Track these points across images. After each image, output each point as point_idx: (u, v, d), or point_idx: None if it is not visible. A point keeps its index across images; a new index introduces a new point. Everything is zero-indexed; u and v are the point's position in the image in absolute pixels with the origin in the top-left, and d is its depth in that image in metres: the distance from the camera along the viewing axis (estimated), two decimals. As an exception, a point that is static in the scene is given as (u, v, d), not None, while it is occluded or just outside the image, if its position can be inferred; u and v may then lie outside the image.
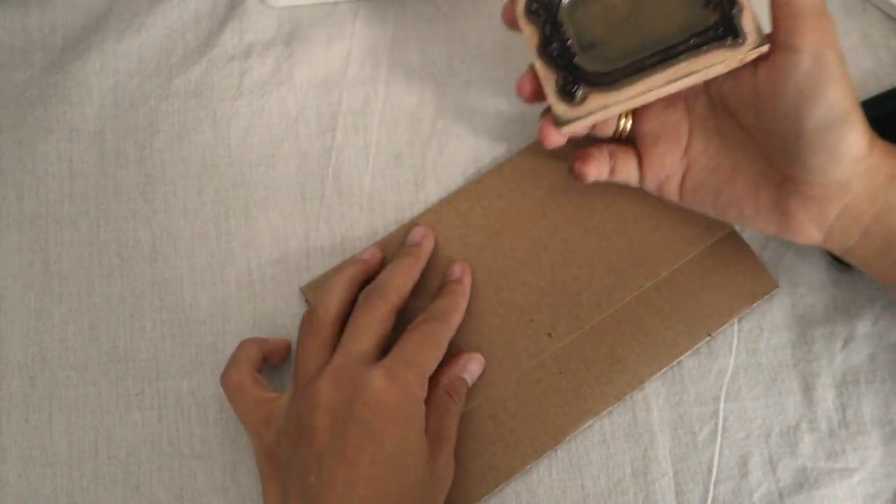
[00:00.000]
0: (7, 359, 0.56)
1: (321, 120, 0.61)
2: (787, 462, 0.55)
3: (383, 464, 0.46)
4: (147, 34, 0.62)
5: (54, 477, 0.54)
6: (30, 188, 0.59)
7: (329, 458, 0.46)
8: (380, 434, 0.47)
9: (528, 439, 0.54)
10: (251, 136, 0.61)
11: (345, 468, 0.46)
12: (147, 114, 0.61)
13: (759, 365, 0.56)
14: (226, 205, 0.59)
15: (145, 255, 0.58)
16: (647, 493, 0.54)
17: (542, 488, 0.55)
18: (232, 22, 0.63)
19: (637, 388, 0.55)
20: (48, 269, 0.58)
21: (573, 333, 0.56)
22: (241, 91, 0.61)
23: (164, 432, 0.55)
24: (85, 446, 0.55)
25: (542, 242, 0.57)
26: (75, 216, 0.59)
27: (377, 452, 0.46)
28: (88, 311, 0.57)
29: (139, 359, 0.56)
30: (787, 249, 0.59)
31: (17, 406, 0.55)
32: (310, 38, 0.63)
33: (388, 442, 0.47)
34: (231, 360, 0.53)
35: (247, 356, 0.53)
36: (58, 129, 0.60)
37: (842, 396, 0.56)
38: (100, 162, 0.60)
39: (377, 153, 0.60)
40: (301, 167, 0.60)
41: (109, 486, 0.54)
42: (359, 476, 0.46)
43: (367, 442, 0.46)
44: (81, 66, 0.61)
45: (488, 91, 0.62)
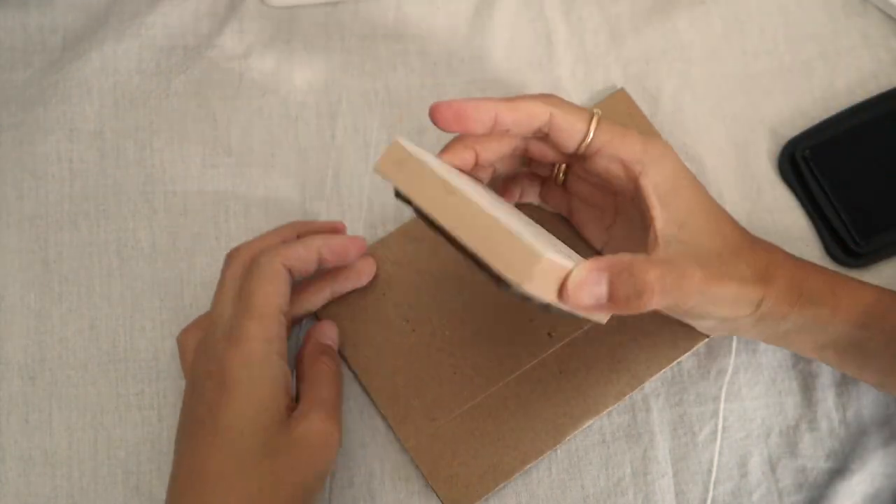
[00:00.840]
0: (7, 359, 0.56)
1: (321, 120, 0.61)
2: (786, 462, 0.55)
3: (220, 436, 0.47)
4: (147, 34, 0.62)
5: (54, 477, 0.54)
6: (30, 188, 0.59)
7: (182, 431, 0.49)
8: (220, 406, 0.47)
9: (528, 439, 0.54)
10: (251, 136, 0.61)
11: (187, 441, 0.48)
12: (147, 114, 0.61)
13: (759, 365, 0.56)
14: (226, 205, 0.59)
15: (145, 255, 0.58)
16: (646, 493, 0.54)
17: (542, 488, 0.55)
18: (232, 22, 0.63)
19: (637, 389, 0.55)
20: (48, 269, 0.58)
21: (573, 333, 0.56)
22: (241, 91, 0.61)
23: (164, 432, 0.55)
24: (85, 446, 0.55)
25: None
26: (75, 216, 0.59)
27: (213, 425, 0.47)
28: (88, 311, 0.57)
29: (139, 359, 0.56)
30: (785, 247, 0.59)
31: (17, 406, 0.55)
32: (310, 38, 0.63)
33: (221, 416, 0.47)
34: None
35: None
36: (58, 128, 0.60)
37: (842, 396, 0.56)
38: (100, 162, 0.60)
39: (377, 153, 0.60)
40: (301, 167, 0.60)
41: (109, 486, 0.54)
42: (200, 449, 0.47)
43: (207, 415, 0.48)
44: (81, 66, 0.61)
45: (488, 91, 0.62)
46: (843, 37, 0.63)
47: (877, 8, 0.64)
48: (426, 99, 0.62)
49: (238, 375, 0.48)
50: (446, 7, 0.64)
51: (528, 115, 0.49)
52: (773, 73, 0.63)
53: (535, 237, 0.45)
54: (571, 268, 0.43)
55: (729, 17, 0.64)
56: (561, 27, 0.63)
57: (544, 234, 0.50)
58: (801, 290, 0.50)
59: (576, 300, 0.43)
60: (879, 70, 0.62)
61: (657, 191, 0.48)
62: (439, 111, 0.48)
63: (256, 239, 0.54)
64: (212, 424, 0.47)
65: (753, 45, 0.63)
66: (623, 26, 0.63)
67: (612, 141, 0.49)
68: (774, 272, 0.49)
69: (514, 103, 0.49)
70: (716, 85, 0.62)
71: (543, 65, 0.63)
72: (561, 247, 0.49)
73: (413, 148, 0.47)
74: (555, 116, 0.49)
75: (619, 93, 0.61)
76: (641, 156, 0.49)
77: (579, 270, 0.43)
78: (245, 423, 0.47)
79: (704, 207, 0.49)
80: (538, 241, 0.44)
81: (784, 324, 0.50)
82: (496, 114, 0.48)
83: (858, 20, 0.63)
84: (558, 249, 0.46)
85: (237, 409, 0.47)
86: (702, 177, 0.60)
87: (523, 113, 0.49)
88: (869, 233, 0.58)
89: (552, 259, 0.42)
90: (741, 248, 0.49)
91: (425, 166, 0.45)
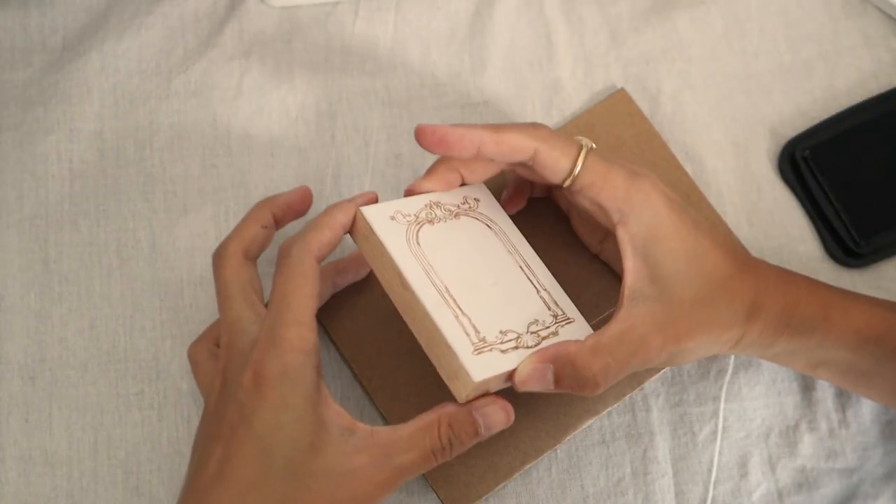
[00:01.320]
0: (7, 359, 0.56)
1: (321, 120, 0.61)
2: (786, 462, 0.55)
3: (251, 444, 0.45)
4: (147, 34, 0.62)
5: (54, 477, 0.54)
6: (30, 188, 0.59)
7: (207, 436, 0.46)
8: (250, 413, 0.45)
9: (528, 439, 0.54)
10: (251, 136, 0.61)
11: (219, 447, 0.45)
12: (147, 114, 0.61)
13: (759, 365, 0.56)
14: (226, 205, 0.59)
15: (145, 255, 0.58)
16: (646, 493, 0.54)
17: (542, 488, 0.55)
18: (232, 22, 0.63)
19: (637, 388, 0.55)
20: (48, 269, 0.58)
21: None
22: (241, 91, 0.61)
23: (164, 432, 0.55)
24: (85, 446, 0.55)
25: (542, 243, 0.57)
26: (75, 216, 0.59)
27: (246, 432, 0.45)
28: (88, 311, 0.57)
29: (139, 359, 0.56)
30: (785, 247, 0.59)
31: (17, 406, 0.55)
32: (310, 38, 0.63)
33: (257, 422, 0.45)
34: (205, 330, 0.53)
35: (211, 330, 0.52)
36: (58, 129, 0.60)
37: (841, 396, 0.56)
38: (100, 162, 0.60)
39: (377, 153, 0.60)
40: (301, 167, 0.60)
41: (109, 486, 0.54)
42: (229, 455, 0.45)
43: (239, 422, 0.45)
44: (81, 66, 0.61)
45: (488, 91, 0.62)
46: (843, 37, 0.63)
47: (877, 8, 0.64)
48: (426, 99, 0.62)
49: (270, 385, 0.45)
50: (446, 7, 0.64)
51: (511, 148, 0.49)
52: (773, 73, 0.63)
53: (498, 321, 0.48)
54: (491, 389, 0.47)
55: (729, 17, 0.64)
56: (561, 27, 0.63)
57: (523, 294, 0.51)
58: (791, 319, 0.49)
59: (526, 389, 0.47)
60: (879, 70, 0.62)
61: (634, 242, 0.48)
62: (423, 134, 0.49)
63: (236, 230, 0.51)
64: (242, 433, 0.45)
65: (753, 45, 0.63)
66: (623, 26, 0.63)
67: (594, 184, 0.49)
68: (763, 303, 0.49)
69: (500, 135, 0.49)
70: (716, 85, 0.62)
71: (543, 65, 0.63)
72: (552, 293, 0.51)
73: (378, 218, 0.48)
74: (539, 153, 0.49)
75: (619, 93, 0.61)
76: (622, 204, 0.49)
77: (524, 366, 0.46)
78: (276, 439, 0.45)
79: (685, 250, 0.48)
80: (498, 326, 0.47)
81: (772, 349, 0.50)
82: (480, 144, 0.49)
83: (858, 20, 0.63)
84: (533, 310, 0.49)
85: (270, 420, 0.45)
86: (702, 177, 0.60)
87: (507, 146, 0.49)
88: (869, 233, 0.58)
89: (479, 382, 0.45)
90: (726, 284, 0.48)
91: (385, 252, 0.47)
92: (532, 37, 0.63)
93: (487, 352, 0.46)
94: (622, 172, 0.49)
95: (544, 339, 0.48)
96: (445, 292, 0.47)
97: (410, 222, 0.49)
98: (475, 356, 0.46)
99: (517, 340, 0.48)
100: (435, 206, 0.50)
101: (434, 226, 0.50)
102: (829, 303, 0.50)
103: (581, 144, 0.50)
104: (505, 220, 0.53)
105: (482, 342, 0.46)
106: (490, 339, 0.47)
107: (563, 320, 0.50)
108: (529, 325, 0.49)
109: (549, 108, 0.62)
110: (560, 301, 0.51)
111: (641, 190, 0.48)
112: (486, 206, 0.53)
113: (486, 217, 0.52)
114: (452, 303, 0.47)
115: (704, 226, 0.50)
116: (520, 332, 0.48)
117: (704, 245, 0.49)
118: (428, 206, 0.50)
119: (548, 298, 0.51)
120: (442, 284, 0.47)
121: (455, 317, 0.47)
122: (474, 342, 0.46)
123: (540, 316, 0.49)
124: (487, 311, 0.48)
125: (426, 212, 0.50)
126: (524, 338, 0.48)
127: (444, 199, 0.51)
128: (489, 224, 0.52)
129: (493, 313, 0.48)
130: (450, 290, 0.47)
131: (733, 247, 0.50)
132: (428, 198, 0.51)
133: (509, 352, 0.47)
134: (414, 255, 0.48)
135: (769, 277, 0.50)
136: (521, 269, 0.51)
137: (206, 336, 0.52)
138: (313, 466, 0.45)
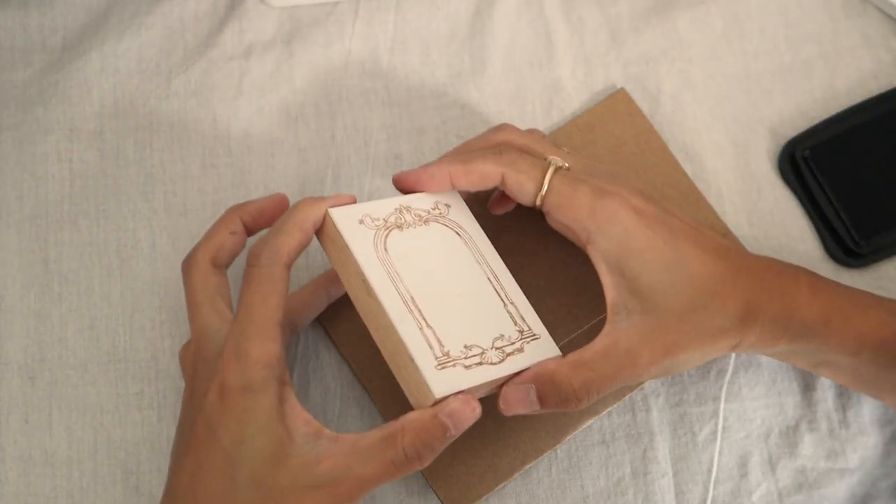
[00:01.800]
0: (7, 359, 0.56)
1: (321, 120, 0.61)
2: (786, 462, 0.55)
3: (219, 457, 0.45)
4: (147, 34, 0.62)
5: (54, 477, 0.54)
6: (30, 188, 0.59)
7: (179, 447, 0.47)
8: (216, 426, 0.45)
9: (528, 439, 0.54)
10: (251, 136, 0.61)
11: (190, 459, 0.46)
12: (147, 114, 0.61)
13: (759, 365, 0.56)
14: (226, 205, 0.59)
15: (145, 255, 0.58)
16: (646, 493, 0.54)
17: (542, 488, 0.55)
18: (232, 22, 0.63)
19: (637, 388, 0.55)
20: (48, 269, 0.58)
21: (573, 333, 0.55)
22: (241, 91, 0.61)
23: (164, 432, 0.55)
24: (85, 446, 0.55)
25: (542, 243, 0.57)
26: (75, 216, 0.59)
27: (214, 445, 0.45)
28: (88, 311, 0.57)
29: (139, 359, 0.56)
30: (785, 247, 0.59)
31: (17, 406, 0.55)
32: (310, 38, 0.63)
33: (223, 435, 0.45)
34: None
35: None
36: (58, 129, 0.60)
37: (842, 396, 0.56)
38: (100, 162, 0.60)
39: (377, 153, 0.60)
40: (301, 167, 0.60)
41: (109, 486, 0.54)
42: (199, 467, 0.45)
43: (207, 435, 0.45)
44: (81, 66, 0.61)
45: (488, 92, 0.62)
46: (843, 37, 0.63)
47: (877, 8, 0.64)
48: (426, 99, 0.62)
49: (233, 400, 0.45)
50: (446, 7, 0.64)
51: (481, 177, 0.50)
52: (773, 73, 0.63)
53: (465, 331, 0.48)
54: (453, 403, 0.46)
55: (729, 17, 0.64)
56: (561, 27, 0.63)
57: (490, 306, 0.50)
58: (789, 322, 0.49)
59: (513, 413, 0.48)
60: (879, 70, 0.62)
61: (607, 258, 0.48)
62: (399, 182, 0.51)
63: (204, 238, 0.51)
64: (208, 445, 0.45)
65: (753, 45, 0.63)
66: (623, 26, 0.63)
67: (560, 206, 0.49)
68: (759, 306, 0.48)
69: (468, 166, 0.50)
70: (716, 85, 0.62)
71: (543, 65, 0.63)
72: (520, 308, 0.51)
73: (346, 221, 0.48)
74: (506, 177, 0.50)
75: (619, 93, 0.61)
76: (587, 223, 0.49)
77: (506, 391, 0.48)
78: (241, 452, 0.45)
79: (662, 260, 0.48)
80: (460, 339, 0.47)
81: (771, 350, 0.50)
82: (451, 178, 0.50)
83: (858, 20, 0.63)
84: (502, 322, 0.49)
85: (235, 433, 0.45)
86: (702, 176, 0.60)
87: (476, 176, 0.50)
88: (869, 233, 0.58)
89: (440, 399, 0.45)
90: (715, 289, 0.48)
91: (351, 257, 0.47)
92: (532, 37, 0.63)
93: (451, 367, 0.46)
94: (588, 193, 0.49)
95: (509, 355, 0.48)
96: (411, 302, 0.47)
97: (379, 227, 0.49)
98: (438, 371, 0.45)
99: (482, 356, 0.47)
100: (405, 211, 0.50)
101: (403, 231, 0.49)
102: (831, 306, 0.49)
103: (548, 165, 0.50)
104: (475, 228, 0.53)
105: (446, 356, 0.46)
106: (454, 353, 0.46)
107: (528, 336, 0.50)
108: (495, 339, 0.48)
109: (549, 108, 0.62)
110: (526, 316, 0.50)
111: (607, 208, 0.48)
112: (457, 213, 0.52)
113: (455, 224, 0.52)
114: (417, 313, 0.47)
115: (688, 232, 0.49)
116: (484, 347, 0.48)
117: (685, 251, 0.48)
118: (398, 211, 0.50)
119: (514, 312, 0.50)
120: (407, 294, 0.47)
121: (419, 328, 0.46)
122: (438, 356, 0.46)
123: (505, 331, 0.49)
124: (453, 323, 0.47)
125: (396, 216, 0.50)
126: (489, 353, 0.47)
127: (414, 203, 0.51)
128: (459, 232, 0.52)
129: (458, 326, 0.47)
130: (415, 300, 0.47)
131: (724, 249, 0.50)
132: (398, 201, 0.51)
133: (473, 367, 0.46)
134: (380, 261, 0.47)
135: (766, 278, 0.49)
136: (488, 280, 0.51)
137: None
138: (278, 479, 0.44)
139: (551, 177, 0.49)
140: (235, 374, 0.45)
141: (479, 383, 0.46)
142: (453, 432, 0.45)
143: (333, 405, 0.56)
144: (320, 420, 0.48)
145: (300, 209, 0.48)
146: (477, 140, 0.54)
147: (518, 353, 0.48)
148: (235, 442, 0.45)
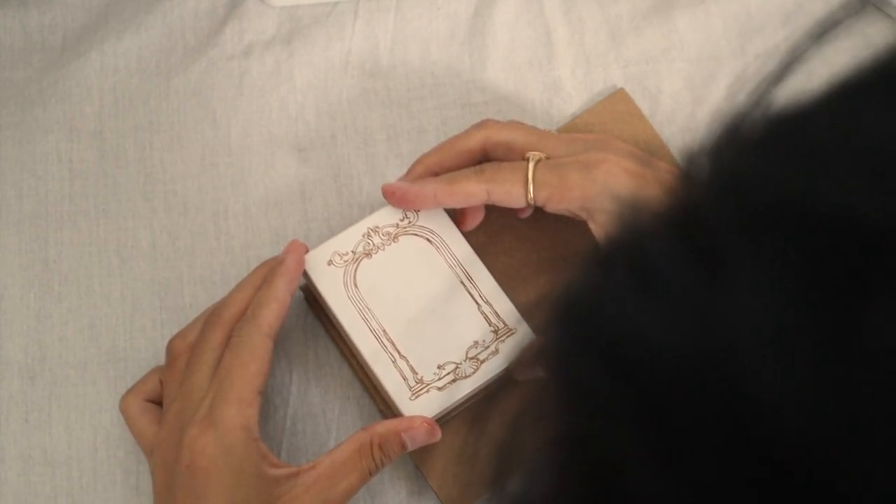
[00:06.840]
0: (7, 359, 0.56)
1: (321, 120, 0.61)
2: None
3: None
4: (147, 34, 0.62)
5: (53, 476, 0.54)
6: (30, 188, 0.59)
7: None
8: (202, 495, 0.46)
9: (527, 439, 0.54)
10: (251, 136, 0.61)
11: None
12: (147, 113, 0.61)
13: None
14: (226, 204, 0.59)
15: (145, 255, 0.58)
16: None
17: (542, 488, 0.55)
18: (232, 22, 0.63)
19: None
20: (48, 269, 0.58)
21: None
22: (241, 91, 0.61)
23: (164, 432, 0.55)
24: (84, 446, 0.55)
25: (542, 242, 0.57)
26: (75, 216, 0.59)
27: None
28: (88, 311, 0.57)
29: (139, 359, 0.56)
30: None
31: (17, 405, 0.55)
32: (310, 38, 0.63)
33: (214, 500, 0.46)
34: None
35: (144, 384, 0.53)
36: (57, 128, 0.60)
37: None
38: (100, 162, 0.60)
39: (377, 153, 0.60)
40: (301, 167, 0.60)
41: (109, 486, 0.54)
42: None
43: (192, 502, 0.46)
44: (81, 65, 0.61)
45: (489, 91, 0.62)
46: (843, 37, 0.63)
47: (877, 8, 0.64)
48: (426, 99, 0.62)
49: (216, 466, 0.46)
50: (446, 7, 0.64)
51: (465, 196, 0.52)
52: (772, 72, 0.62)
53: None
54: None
55: (729, 17, 0.64)
56: (561, 27, 0.63)
57: (464, 314, 0.52)
58: None
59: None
60: (879, 70, 0.62)
61: (607, 228, 0.49)
62: (387, 193, 0.53)
63: (231, 296, 0.51)
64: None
65: (753, 46, 0.63)
66: (623, 26, 0.63)
67: (551, 198, 0.51)
68: None
69: (452, 186, 0.51)
70: (716, 85, 0.62)
71: (543, 65, 0.63)
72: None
73: (316, 267, 0.51)
74: (491, 193, 0.51)
75: (619, 93, 0.61)
76: (583, 202, 0.50)
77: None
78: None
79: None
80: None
81: None
82: (436, 198, 0.52)
83: (858, 20, 0.63)
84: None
85: (224, 498, 0.46)
86: (702, 177, 0.60)
87: (461, 195, 0.52)
88: (869, 233, 0.58)
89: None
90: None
91: (322, 299, 0.52)
92: (532, 37, 0.63)
93: (425, 393, 0.50)
94: (575, 172, 0.50)
95: (483, 362, 0.50)
96: (383, 335, 0.50)
97: (348, 262, 0.51)
98: (412, 402, 0.49)
99: (455, 372, 0.50)
100: (373, 234, 0.52)
101: (372, 258, 0.52)
102: None
103: (527, 162, 0.51)
104: (446, 226, 0.54)
105: (419, 384, 0.50)
106: (427, 378, 0.50)
107: (503, 334, 0.51)
108: (468, 350, 0.51)
109: (549, 108, 0.62)
110: (502, 311, 0.52)
111: (596, 181, 0.49)
112: (427, 216, 0.54)
113: (426, 230, 0.53)
114: (391, 347, 0.50)
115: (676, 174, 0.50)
116: (458, 361, 0.50)
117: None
118: (366, 236, 0.52)
119: (489, 312, 0.52)
120: (380, 328, 0.50)
121: (392, 362, 0.50)
122: (412, 386, 0.49)
123: (480, 336, 0.51)
124: (425, 347, 0.50)
125: (364, 243, 0.52)
126: (462, 367, 0.50)
127: (381, 221, 0.53)
128: (429, 238, 0.53)
129: (431, 348, 0.50)
130: (387, 332, 0.50)
131: None
132: (365, 225, 0.53)
133: (446, 386, 0.50)
134: (351, 300, 0.51)
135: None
136: (461, 284, 0.52)
137: (138, 390, 0.52)
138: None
139: (533, 172, 0.50)
140: (213, 441, 0.46)
141: (451, 403, 0.49)
142: (409, 448, 0.49)
143: (333, 405, 0.56)
144: (321, 419, 0.49)
145: (273, 285, 0.50)
146: (458, 138, 0.55)
147: (492, 356, 0.50)
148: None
